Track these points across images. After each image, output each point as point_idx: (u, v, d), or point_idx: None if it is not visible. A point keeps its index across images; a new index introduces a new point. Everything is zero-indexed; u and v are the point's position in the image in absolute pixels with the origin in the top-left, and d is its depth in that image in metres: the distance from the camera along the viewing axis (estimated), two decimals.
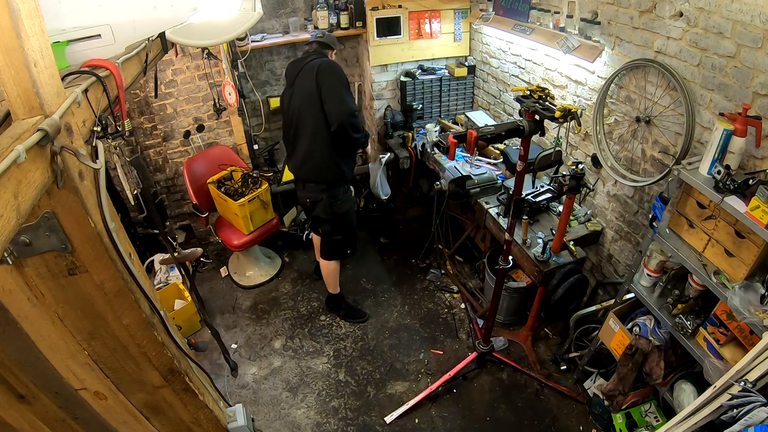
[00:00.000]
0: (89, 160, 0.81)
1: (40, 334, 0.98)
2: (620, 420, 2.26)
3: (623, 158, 2.38)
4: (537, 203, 2.62)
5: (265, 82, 3.81)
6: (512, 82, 3.20)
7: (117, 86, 1.05)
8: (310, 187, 2.74)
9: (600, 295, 2.78)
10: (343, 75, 2.52)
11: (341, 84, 2.48)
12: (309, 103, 2.50)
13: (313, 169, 2.66)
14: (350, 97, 2.52)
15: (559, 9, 2.47)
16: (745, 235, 1.54)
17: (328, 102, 2.44)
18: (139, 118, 3.38)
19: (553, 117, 1.78)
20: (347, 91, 2.51)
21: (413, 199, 3.96)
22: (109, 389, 1.17)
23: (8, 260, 0.82)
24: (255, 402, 2.71)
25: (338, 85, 2.47)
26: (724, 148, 1.61)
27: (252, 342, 3.10)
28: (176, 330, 1.27)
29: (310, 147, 2.61)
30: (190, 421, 1.43)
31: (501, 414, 2.58)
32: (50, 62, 0.77)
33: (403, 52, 3.51)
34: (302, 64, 2.55)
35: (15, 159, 0.60)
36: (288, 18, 3.59)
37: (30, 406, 1.12)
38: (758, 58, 1.59)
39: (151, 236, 3.62)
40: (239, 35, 2.81)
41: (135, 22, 1.13)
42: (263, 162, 3.95)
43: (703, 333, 1.79)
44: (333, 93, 2.44)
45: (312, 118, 2.51)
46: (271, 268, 3.66)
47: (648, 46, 2.05)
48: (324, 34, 2.69)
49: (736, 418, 1.20)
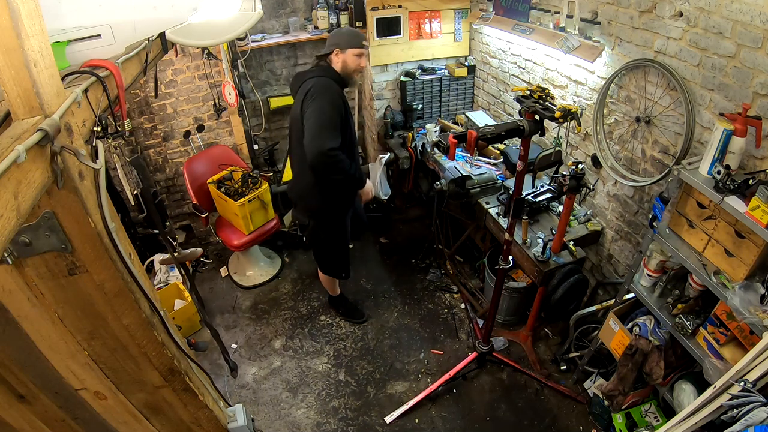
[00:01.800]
0: (89, 160, 0.81)
1: (40, 334, 0.98)
2: (620, 420, 2.26)
3: (623, 158, 2.38)
4: (537, 203, 2.62)
5: (265, 82, 3.82)
6: (512, 82, 3.20)
7: (117, 86, 1.05)
8: (299, 209, 2.64)
9: (600, 295, 2.78)
10: (329, 104, 2.14)
11: (323, 115, 2.11)
12: (296, 128, 2.25)
13: (300, 194, 2.54)
14: (330, 132, 2.12)
15: (559, 9, 2.47)
16: (745, 235, 1.54)
17: (305, 134, 2.13)
18: (139, 118, 3.38)
19: (553, 117, 1.78)
20: (328, 124, 2.12)
21: (413, 199, 3.96)
22: (109, 389, 1.17)
23: (8, 260, 0.82)
24: (255, 402, 2.71)
25: (318, 116, 2.10)
26: (724, 148, 1.61)
27: (252, 342, 3.10)
28: (176, 330, 1.27)
29: (297, 171, 2.49)
30: (190, 421, 1.43)
31: (501, 414, 2.58)
32: (50, 62, 0.77)
33: (403, 52, 3.51)
34: (301, 80, 2.26)
35: (15, 159, 0.60)
36: (288, 18, 3.59)
37: (30, 406, 1.12)
38: (758, 58, 1.59)
39: (151, 236, 3.62)
40: (239, 35, 2.80)
41: (135, 22, 1.13)
42: (263, 162, 3.95)
43: (703, 333, 1.79)
44: (309, 125, 2.11)
45: (299, 144, 2.22)
46: (271, 268, 3.66)
47: (648, 46, 2.05)
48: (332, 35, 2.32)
49: (736, 418, 1.20)
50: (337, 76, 2.28)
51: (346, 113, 2.28)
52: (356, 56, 2.27)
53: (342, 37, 2.26)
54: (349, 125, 2.33)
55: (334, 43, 2.27)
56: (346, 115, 2.28)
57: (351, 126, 2.37)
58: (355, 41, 2.25)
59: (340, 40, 2.25)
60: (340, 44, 2.24)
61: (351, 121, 2.37)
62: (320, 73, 2.25)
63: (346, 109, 2.29)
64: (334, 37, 2.29)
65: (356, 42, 2.26)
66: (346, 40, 2.25)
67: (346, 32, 2.30)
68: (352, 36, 2.28)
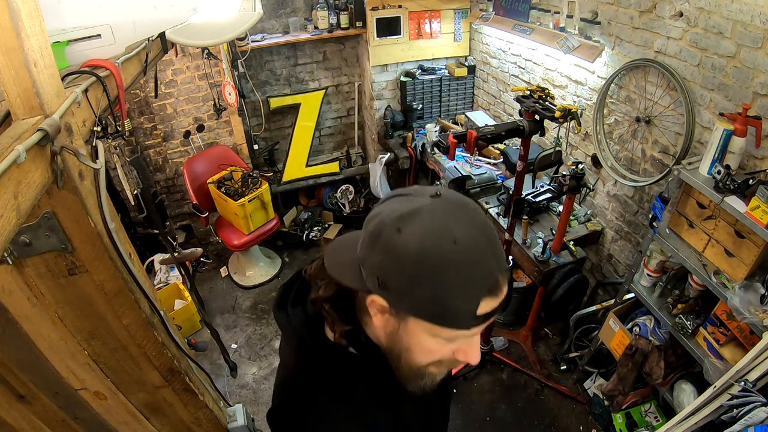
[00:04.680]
0: (89, 160, 0.81)
1: (40, 334, 0.98)
2: (620, 420, 2.25)
3: (623, 158, 2.38)
4: (537, 203, 2.61)
5: (265, 82, 3.81)
6: (512, 82, 3.20)
7: (117, 86, 1.05)
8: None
9: (600, 295, 2.78)
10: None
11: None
12: None
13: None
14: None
15: (559, 9, 2.47)
16: (745, 235, 1.54)
17: None
18: (139, 118, 3.38)
19: (553, 117, 1.79)
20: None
21: None
22: (109, 389, 1.17)
23: (8, 260, 0.82)
24: (255, 402, 2.71)
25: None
26: (724, 148, 1.61)
27: (252, 342, 3.10)
28: (176, 330, 1.27)
29: None
30: (190, 421, 1.43)
31: (501, 414, 2.58)
32: (50, 62, 0.77)
33: (403, 52, 3.51)
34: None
35: (15, 159, 0.60)
36: (288, 18, 3.59)
37: (30, 406, 1.12)
38: (758, 58, 1.59)
39: (151, 236, 3.62)
40: (239, 35, 2.80)
41: (135, 22, 1.13)
42: (263, 162, 3.95)
43: (703, 333, 1.79)
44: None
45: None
46: (271, 268, 3.66)
47: (648, 46, 2.05)
48: (376, 226, 0.62)
49: (736, 418, 1.20)
50: (363, 371, 0.74)
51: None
52: (438, 338, 0.64)
53: (412, 275, 0.58)
54: None
55: (378, 268, 0.61)
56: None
57: None
58: (455, 306, 0.58)
59: (396, 274, 0.59)
60: (399, 291, 0.60)
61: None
62: (302, 366, 0.78)
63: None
64: (392, 250, 0.59)
65: (458, 311, 0.59)
66: (422, 287, 0.58)
67: (442, 261, 0.57)
68: (452, 282, 0.57)
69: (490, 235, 0.61)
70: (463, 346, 0.66)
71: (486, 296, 0.59)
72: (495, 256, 0.60)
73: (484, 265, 0.59)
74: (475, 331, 0.64)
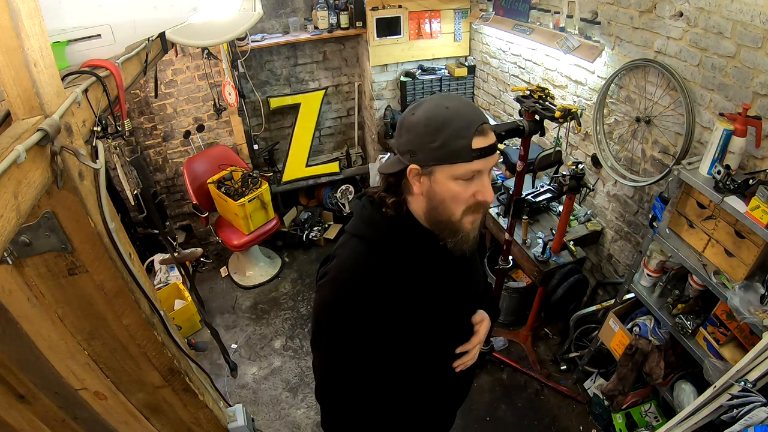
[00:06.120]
0: (89, 160, 0.81)
1: (40, 334, 0.98)
2: (620, 420, 2.26)
3: (623, 158, 2.38)
4: (537, 203, 2.62)
5: (265, 82, 3.81)
6: (512, 82, 3.20)
7: (117, 86, 1.05)
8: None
9: (600, 295, 2.78)
10: (328, 313, 1.05)
11: (323, 325, 1.09)
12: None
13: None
14: (329, 351, 1.10)
15: (559, 9, 2.47)
16: (745, 235, 1.54)
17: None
18: (139, 118, 3.38)
19: (553, 117, 1.79)
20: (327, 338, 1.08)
21: None
22: (109, 389, 1.17)
23: (8, 260, 0.82)
24: (255, 402, 2.71)
25: (317, 327, 1.10)
26: (724, 148, 1.61)
27: (252, 342, 3.10)
28: (176, 330, 1.27)
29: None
30: (190, 421, 1.43)
31: (501, 414, 2.58)
32: (50, 62, 0.77)
33: (403, 52, 3.51)
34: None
35: (15, 159, 0.60)
36: (288, 18, 3.59)
37: (30, 406, 1.12)
38: (758, 58, 1.59)
39: (151, 236, 3.62)
40: (239, 35, 2.80)
41: (135, 22, 1.13)
42: (263, 162, 3.95)
43: (703, 333, 1.79)
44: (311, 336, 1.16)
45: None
46: (271, 268, 3.66)
47: (648, 46, 2.05)
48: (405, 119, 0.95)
49: (736, 418, 1.20)
50: (407, 231, 1.02)
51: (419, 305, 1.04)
52: (457, 180, 0.93)
53: (425, 134, 0.90)
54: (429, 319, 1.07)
55: (406, 144, 0.94)
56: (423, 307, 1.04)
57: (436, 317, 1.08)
58: (457, 145, 0.89)
59: (416, 140, 0.92)
60: (422, 150, 0.92)
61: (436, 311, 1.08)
62: (358, 229, 1.05)
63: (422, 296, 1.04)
64: (410, 126, 0.93)
65: (460, 148, 0.89)
66: (434, 140, 0.90)
67: (440, 119, 0.89)
68: (451, 130, 0.89)
69: (470, 104, 0.96)
70: (477, 187, 0.94)
71: (476, 135, 0.89)
72: (475, 113, 0.91)
73: (469, 117, 0.90)
74: (478, 165, 0.91)
